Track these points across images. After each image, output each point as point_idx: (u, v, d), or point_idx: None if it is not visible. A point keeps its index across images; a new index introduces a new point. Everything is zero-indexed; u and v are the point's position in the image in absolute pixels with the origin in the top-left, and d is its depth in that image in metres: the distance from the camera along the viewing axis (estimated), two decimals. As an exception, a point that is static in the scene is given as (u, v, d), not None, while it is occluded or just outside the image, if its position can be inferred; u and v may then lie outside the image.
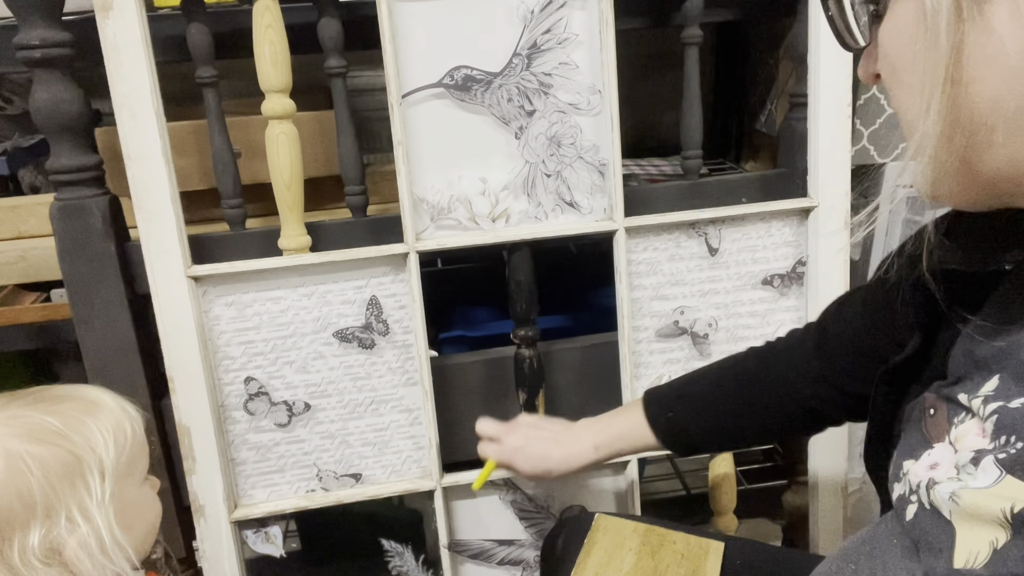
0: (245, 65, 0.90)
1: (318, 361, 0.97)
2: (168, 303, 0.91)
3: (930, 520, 0.42)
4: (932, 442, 0.45)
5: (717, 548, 0.78)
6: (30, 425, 0.55)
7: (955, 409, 0.44)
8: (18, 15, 0.82)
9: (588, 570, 0.77)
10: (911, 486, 0.45)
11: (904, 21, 0.39)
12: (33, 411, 0.57)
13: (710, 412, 0.79)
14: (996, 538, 0.38)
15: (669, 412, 0.80)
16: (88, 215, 0.88)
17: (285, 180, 0.90)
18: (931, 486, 0.42)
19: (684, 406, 0.80)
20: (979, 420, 0.42)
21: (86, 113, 0.87)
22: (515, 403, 1.01)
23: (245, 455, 0.99)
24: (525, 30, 0.91)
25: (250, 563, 1.03)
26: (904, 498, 0.45)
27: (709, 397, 0.79)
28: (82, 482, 0.56)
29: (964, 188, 0.41)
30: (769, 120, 1.32)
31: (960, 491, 0.40)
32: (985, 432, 0.41)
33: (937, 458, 0.44)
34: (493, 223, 0.96)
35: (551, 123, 0.94)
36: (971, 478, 0.40)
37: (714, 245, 1.01)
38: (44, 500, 0.54)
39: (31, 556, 0.53)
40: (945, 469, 0.43)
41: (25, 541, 0.53)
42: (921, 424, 0.47)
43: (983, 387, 0.43)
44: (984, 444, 0.41)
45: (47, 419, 0.56)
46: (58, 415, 0.57)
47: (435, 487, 1.01)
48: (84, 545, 0.55)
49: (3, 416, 0.56)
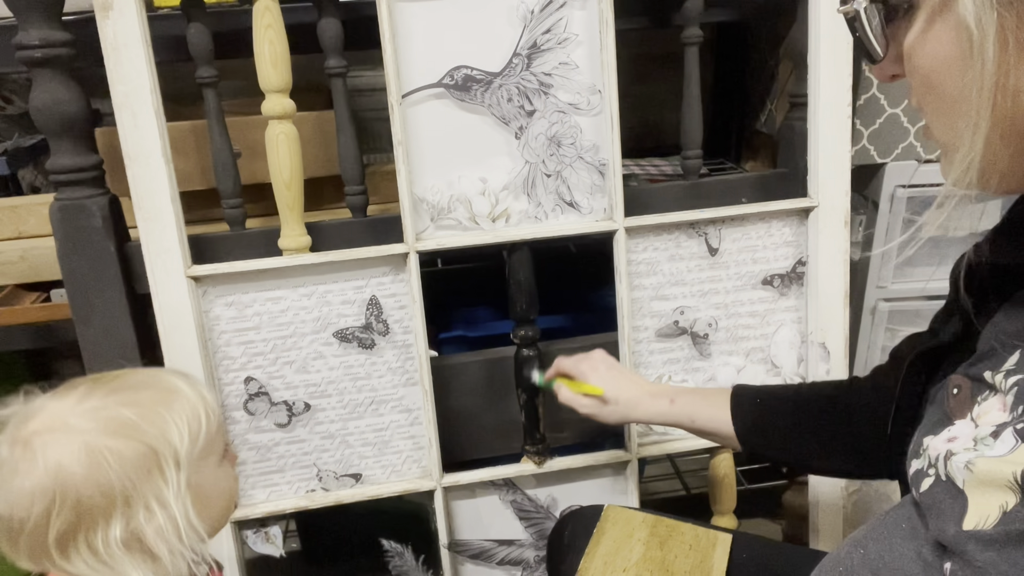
0: (245, 65, 0.89)
1: (318, 361, 0.97)
2: (168, 303, 0.91)
3: (944, 490, 0.43)
4: (954, 419, 0.46)
5: (725, 540, 0.79)
6: (108, 419, 0.58)
7: (979, 387, 0.45)
8: (18, 15, 0.82)
9: (597, 559, 0.77)
10: (929, 460, 0.45)
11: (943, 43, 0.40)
12: (113, 402, 0.59)
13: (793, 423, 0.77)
14: (1006, 502, 0.39)
15: (754, 411, 0.78)
16: (88, 215, 0.88)
17: (285, 180, 0.90)
18: (948, 457, 0.43)
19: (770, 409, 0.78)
20: (1001, 395, 0.43)
21: (86, 113, 0.87)
22: (515, 403, 1.01)
23: (245, 455, 0.99)
24: (525, 30, 0.91)
25: (250, 563, 1.03)
26: (921, 472, 0.46)
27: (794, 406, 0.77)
28: (159, 473, 0.58)
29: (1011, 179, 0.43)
30: (769, 120, 1.32)
31: (976, 459, 0.41)
32: (1006, 406, 0.42)
33: (956, 432, 0.45)
34: (493, 223, 0.96)
35: (551, 123, 0.94)
36: (988, 448, 0.41)
37: (714, 245, 1.01)
38: (123, 492, 0.56)
39: (113, 544, 0.56)
40: (963, 441, 0.43)
41: (108, 530, 0.56)
42: (944, 403, 0.48)
43: (1007, 362, 0.44)
44: (1004, 417, 0.42)
45: (125, 412, 0.59)
46: (135, 406, 0.59)
47: (435, 487, 1.01)
48: (161, 532, 0.57)
49: (85, 408, 0.58)
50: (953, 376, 0.49)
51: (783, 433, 0.77)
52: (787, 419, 0.76)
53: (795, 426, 0.76)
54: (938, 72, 0.41)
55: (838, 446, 0.73)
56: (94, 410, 0.58)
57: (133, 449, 0.57)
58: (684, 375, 1.05)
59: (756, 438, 0.78)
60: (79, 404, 0.59)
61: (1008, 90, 0.38)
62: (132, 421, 0.58)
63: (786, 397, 0.78)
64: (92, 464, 0.56)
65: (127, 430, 0.58)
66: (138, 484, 0.57)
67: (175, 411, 0.61)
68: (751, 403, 0.79)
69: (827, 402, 0.75)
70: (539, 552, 1.09)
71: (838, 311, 1.03)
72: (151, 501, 0.58)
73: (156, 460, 0.58)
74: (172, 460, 0.59)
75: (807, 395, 0.77)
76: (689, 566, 0.76)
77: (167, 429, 0.60)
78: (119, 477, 0.56)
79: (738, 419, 0.78)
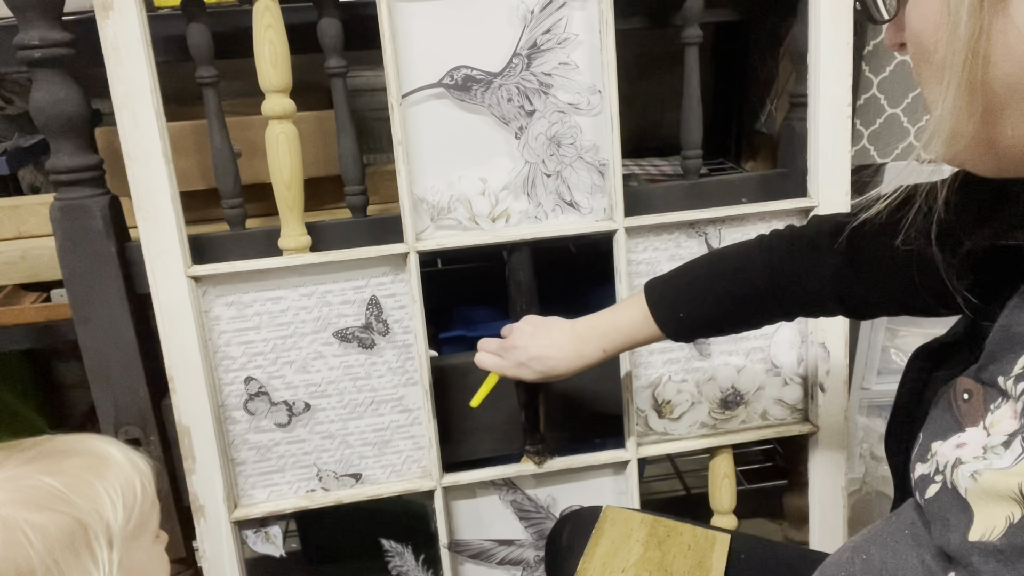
0: (245, 65, 0.90)
1: (318, 361, 0.97)
2: (168, 303, 0.91)
3: (949, 498, 0.43)
4: (964, 426, 0.45)
5: (723, 540, 0.79)
6: (29, 488, 0.50)
7: (992, 393, 0.45)
8: (18, 15, 0.82)
9: (596, 560, 0.77)
10: (937, 466, 0.45)
11: (929, 4, 0.41)
12: (33, 470, 0.52)
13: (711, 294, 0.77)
14: (1012, 513, 0.38)
15: (674, 307, 0.78)
16: (88, 215, 0.88)
17: (285, 180, 0.90)
18: (956, 465, 0.43)
19: (686, 295, 0.78)
20: (1012, 401, 0.42)
21: (86, 113, 0.87)
22: (515, 403, 1.01)
23: (245, 455, 0.99)
24: (525, 30, 0.91)
25: (250, 563, 1.03)
26: (927, 477, 0.46)
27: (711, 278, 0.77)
28: (88, 552, 0.51)
29: (979, 156, 0.43)
30: (769, 120, 1.32)
31: (983, 470, 0.40)
32: (1016, 412, 0.41)
33: (966, 439, 0.44)
34: (493, 223, 0.96)
35: (551, 123, 0.94)
36: (997, 458, 0.41)
37: (714, 245, 1.01)
38: (46, 574, 0.49)
39: None
40: (972, 449, 0.43)
41: None
42: (953, 407, 0.48)
43: (1016, 365, 0.43)
44: (1015, 426, 0.41)
45: (49, 481, 0.51)
46: (61, 475, 0.52)
47: (435, 487, 1.01)
48: None
49: (4, 479, 0.51)
50: (961, 379, 0.48)
51: (700, 297, 0.77)
52: (701, 282, 0.77)
53: (709, 286, 0.76)
54: (925, 34, 0.42)
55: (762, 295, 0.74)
56: (12, 479, 0.51)
57: (58, 524, 0.50)
58: (684, 375, 1.05)
59: (675, 313, 0.78)
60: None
61: (979, 55, 0.38)
62: (57, 491, 0.51)
63: (695, 266, 0.79)
64: (9, 543, 0.48)
65: (51, 501, 0.50)
66: (63, 565, 0.49)
67: (108, 480, 0.54)
68: (663, 286, 0.79)
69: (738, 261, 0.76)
70: (539, 552, 1.09)
71: (838, 311, 1.03)
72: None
73: (85, 537, 0.51)
74: (104, 537, 0.52)
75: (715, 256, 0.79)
76: (688, 566, 0.76)
77: (99, 500, 0.52)
78: (40, 557, 0.48)
79: (658, 309, 0.78)
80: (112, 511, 0.53)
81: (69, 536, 0.50)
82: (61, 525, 0.50)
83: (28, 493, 0.50)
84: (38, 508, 0.50)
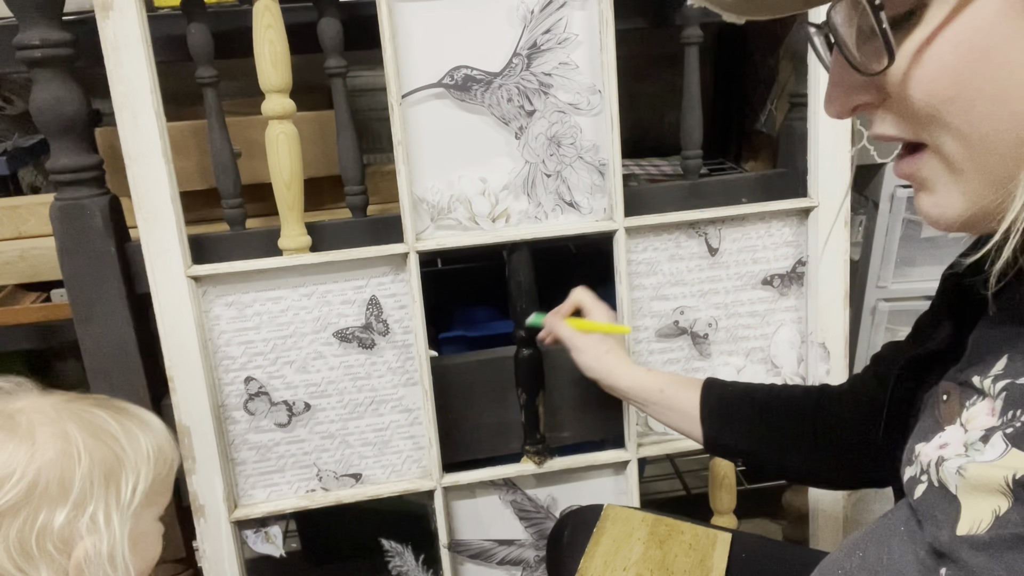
0: (245, 65, 0.90)
1: (318, 361, 0.97)
2: (168, 303, 0.91)
3: (937, 496, 0.43)
4: (944, 425, 0.46)
5: (724, 539, 0.79)
6: (91, 420, 0.59)
7: (968, 392, 0.45)
8: (18, 15, 0.82)
9: (597, 558, 0.77)
10: (922, 466, 0.46)
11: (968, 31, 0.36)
12: (98, 409, 0.60)
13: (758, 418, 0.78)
14: (999, 506, 0.39)
15: (722, 399, 0.79)
16: (88, 215, 0.88)
17: (285, 180, 0.90)
18: (940, 463, 0.43)
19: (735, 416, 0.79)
20: (990, 399, 0.43)
21: (86, 113, 0.87)
22: (515, 403, 1.01)
23: (245, 455, 0.99)
24: (525, 30, 0.91)
25: (250, 563, 1.03)
26: (914, 479, 0.46)
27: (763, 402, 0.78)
28: (115, 487, 0.58)
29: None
30: (769, 120, 1.32)
31: (967, 465, 0.41)
32: (994, 411, 0.42)
33: (947, 439, 0.45)
34: (493, 223, 0.96)
35: (551, 123, 0.94)
36: (978, 453, 0.41)
37: (714, 245, 1.01)
38: (80, 490, 0.56)
39: (45, 538, 0.55)
40: (954, 447, 0.43)
41: (47, 523, 0.55)
42: (935, 410, 0.48)
43: (994, 367, 0.44)
44: (993, 422, 0.42)
45: (109, 420, 0.60)
46: (118, 422, 0.60)
47: (435, 487, 1.01)
48: (95, 548, 0.56)
49: (72, 407, 0.59)
50: (942, 383, 0.49)
51: (745, 426, 0.78)
52: (751, 411, 0.78)
53: (758, 422, 0.77)
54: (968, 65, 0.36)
55: (802, 447, 0.74)
56: (80, 410, 0.59)
57: (104, 454, 0.58)
58: (684, 375, 1.05)
59: (718, 425, 0.79)
60: (68, 402, 0.60)
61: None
62: (112, 430, 0.59)
63: (755, 391, 0.79)
64: (63, 452, 0.56)
65: (106, 436, 0.59)
66: (95, 489, 0.57)
67: (150, 441, 0.62)
68: (721, 390, 0.80)
69: (797, 403, 0.76)
70: (539, 552, 1.09)
71: (838, 311, 1.03)
72: (98, 513, 0.57)
73: (119, 474, 0.58)
74: (133, 480, 0.59)
75: (778, 392, 0.78)
76: (689, 565, 0.76)
77: (140, 451, 0.60)
78: (82, 475, 0.56)
79: (705, 404, 0.79)
80: (145, 466, 0.60)
81: (110, 468, 0.58)
82: (107, 456, 0.58)
83: (90, 423, 0.58)
84: (94, 436, 0.58)
